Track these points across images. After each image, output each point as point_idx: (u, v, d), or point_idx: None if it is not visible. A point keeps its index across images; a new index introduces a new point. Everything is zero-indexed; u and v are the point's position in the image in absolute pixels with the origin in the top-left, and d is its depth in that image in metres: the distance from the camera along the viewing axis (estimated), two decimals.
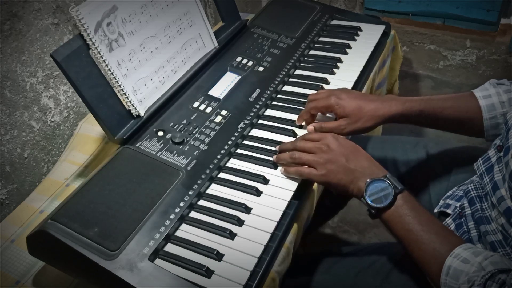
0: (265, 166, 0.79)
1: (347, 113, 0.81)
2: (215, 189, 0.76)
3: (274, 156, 0.80)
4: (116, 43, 0.81)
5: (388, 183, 0.69)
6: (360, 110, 0.81)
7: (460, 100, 0.83)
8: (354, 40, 1.10)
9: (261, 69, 1.00)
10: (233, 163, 0.81)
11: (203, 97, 0.91)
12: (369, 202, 0.70)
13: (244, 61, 1.01)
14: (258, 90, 0.94)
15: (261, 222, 0.70)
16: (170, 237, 0.68)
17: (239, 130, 0.85)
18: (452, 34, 1.58)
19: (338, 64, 1.03)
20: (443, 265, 0.63)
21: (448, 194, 0.87)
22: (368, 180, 0.71)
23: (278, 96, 0.96)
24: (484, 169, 0.75)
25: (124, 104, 0.83)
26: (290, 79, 1.00)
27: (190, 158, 0.79)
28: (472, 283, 0.59)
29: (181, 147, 0.80)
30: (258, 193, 0.75)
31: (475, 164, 0.78)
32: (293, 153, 0.76)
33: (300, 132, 0.87)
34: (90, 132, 1.02)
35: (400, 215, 0.68)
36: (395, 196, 0.69)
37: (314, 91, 0.95)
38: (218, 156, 0.80)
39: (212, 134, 0.84)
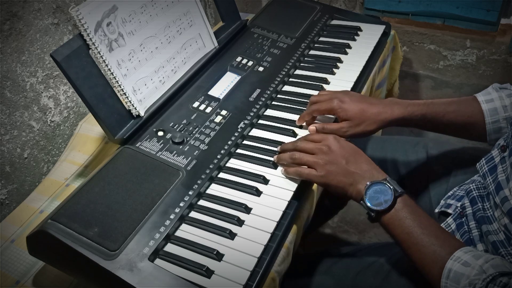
0: (265, 166, 0.79)
1: (349, 117, 0.81)
2: (215, 189, 0.76)
3: (275, 156, 0.79)
4: (116, 43, 0.81)
5: (388, 186, 0.69)
6: (362, 113, 0.81)
7: (463, 104, 0.83)
8: (354, 40, 1.10)
9: (261, 69, 1.00)
10: (233, 163, 0.81)
11: (203, 97, 0.91)
12: (369, 205, 0.69)
13: (244, 61, 1.01)
14: (258, 90, 0.94)
15: (261, 222, 0.70)
16: (170, 237, 0.68)
17: (239, 130, 0.85)
18: (452, 34, 1.58)
19: (338, 64, 1.03)
20: (444, 268, 0.63)
21: (449, 194, 0.87)
22: (368, 183, 0.70)
23: (278, 96, 0.96)
24: (487, 169, 0.75)
25: (124, 104, 0.83)
26: (290, 79, 1.00)
27: (190, 158, 0.79)
28: (473, 286, 0.59)
29: (181, 147, 0.80)
30: (258, 193, 0.75)
31: (478, 164, 0.78)
32: (293, 154, 0.76)
33: (300, 132, 0.87)
34: (90, 132, 1.02)
35: (400, 218, 0.68)
36: (395, 199, 0.68)
37: (314, 91, 0.95)
38: (218, 156, 0.80)
39: (212, 134, 0.84)
